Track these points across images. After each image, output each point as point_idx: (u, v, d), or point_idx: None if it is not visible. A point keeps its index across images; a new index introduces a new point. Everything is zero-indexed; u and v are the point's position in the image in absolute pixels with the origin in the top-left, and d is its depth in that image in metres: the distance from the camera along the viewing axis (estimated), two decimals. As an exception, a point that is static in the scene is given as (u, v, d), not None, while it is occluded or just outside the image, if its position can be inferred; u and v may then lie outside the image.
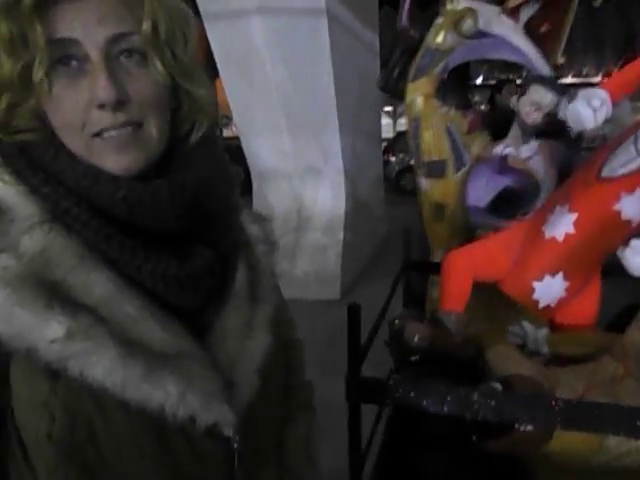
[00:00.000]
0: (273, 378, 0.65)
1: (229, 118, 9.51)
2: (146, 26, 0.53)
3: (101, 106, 0.51)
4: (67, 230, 0.52)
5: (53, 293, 0.49)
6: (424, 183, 2.58)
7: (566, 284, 1.48)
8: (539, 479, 1.21)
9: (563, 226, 1.44)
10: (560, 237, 1.44)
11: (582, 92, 1.47)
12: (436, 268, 1.69)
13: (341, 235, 4.60)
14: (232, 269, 0.62)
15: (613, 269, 1.59)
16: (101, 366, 0.49)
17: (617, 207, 1.38)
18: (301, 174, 4.54)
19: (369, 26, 5.03)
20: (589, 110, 1.42)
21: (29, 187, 0.53)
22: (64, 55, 0.51)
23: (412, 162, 2.64)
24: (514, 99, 1.90)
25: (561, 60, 2.53)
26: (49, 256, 0.50)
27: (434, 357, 1.41)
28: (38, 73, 0.50)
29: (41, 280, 0.50)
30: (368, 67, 4.99)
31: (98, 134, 0.52)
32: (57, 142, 0.54)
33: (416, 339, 1.38)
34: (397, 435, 1.25)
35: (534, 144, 2.24)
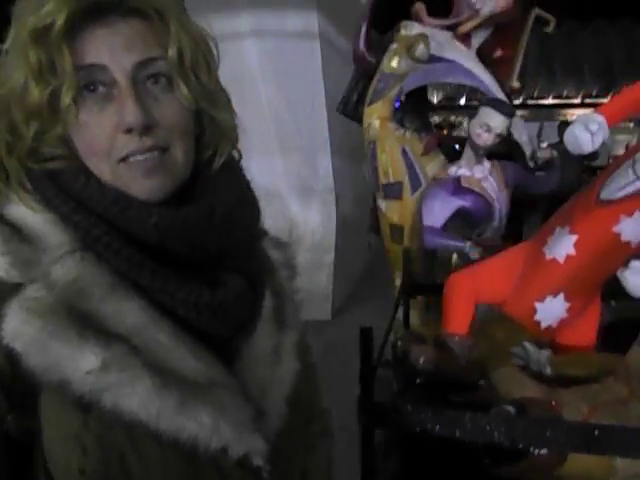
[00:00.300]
0: (299, 406, 0.64)
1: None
2: (172, 52, 0.53)
3: (128, 131, 0.51)
4: (98, 258, 0.52)
5: (86, 323, 0.49)
6: (382, 205, 2.62)
7: (567, 305, 1.49)
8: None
9: (564, 248, 1.46)
10: (561, 258, 1.46)
11: (580, 116, 1.50)
12: (437, 289, 1.69)
13: (332, 255, 4.61)
14: (259, 296, 0.62)
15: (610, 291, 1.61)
16: (136, 397, 0.48)
17: (617, 229, 1.40)
18: (293, 194, 4.55)
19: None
20: (587, 134, 1.45)
21: (59, 215, 0.53)
22: (91, 81, 0.51)
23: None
24: (466, 122, 1.97)
25: (516, 84, 2.60)
26: (81, 285, 0.50)
27: (438, 380, 1.40)
28: (66, 99, 0.50)
29: (73, 310, 0.49)
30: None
31: (124, 159, 0.53)
32: (85, 169, 0.54)
33: (421, 361, 1.37)
34: (408, 461, 1.24)
35: (487, 165, 2.29)
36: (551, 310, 1.50)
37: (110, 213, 0.52)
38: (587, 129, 1.45)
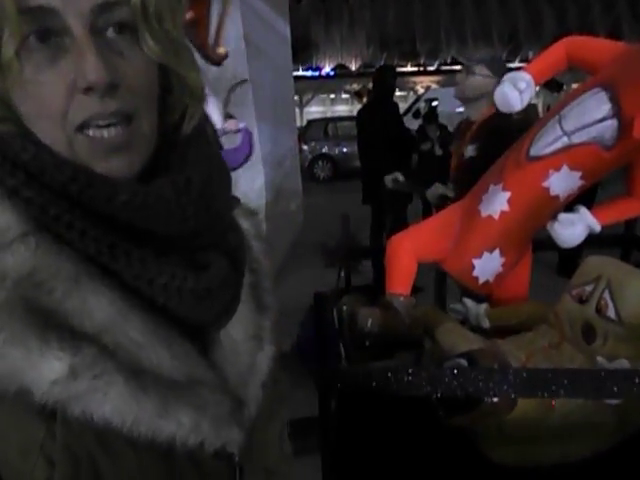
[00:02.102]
0: (270, 387, 0.60)
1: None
2: None
3: (88, 90, 0.43)
4: (57, 243, 0.44)
5: (47, 323, 0.41)
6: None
7: (503, 260, 1.56)
8: (490, 451, 1.27)
9: (498, 204, 1.51)
10: (496, 215, 1.51)
11: (508, 76, 1.54)
12: (376, 253, 1.71)
13: (263, 226, 4.55)
14: (241, 275, 0.56)
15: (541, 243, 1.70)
16: (109, 404, 0.43)
17: (546, 184, 1.46)
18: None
19: (280, 15, 5.00)
20: (515, 92, 1.49)
21: (4, 190, 0.44)
22: (40, 28, 0.42)
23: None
24: None
25: (222, 50, 2.62)
26: (39, 279, 0.42)
27: (386, 340, 1.43)
28: (7, 51, 0.41)
29: (31, 308, 0.41)
30: (281, 56, 4.96)
31: (83, 127, 0.44)
32: (33, 137, 0.45)
33: (369, 324, 1.39)
34: (364, 421, 1.26)
35: None
36: (488, 265, 1.55)
37: (68, 190, 0.43)
38: (515, 87, 1.49)
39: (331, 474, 1.07)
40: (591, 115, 1.39)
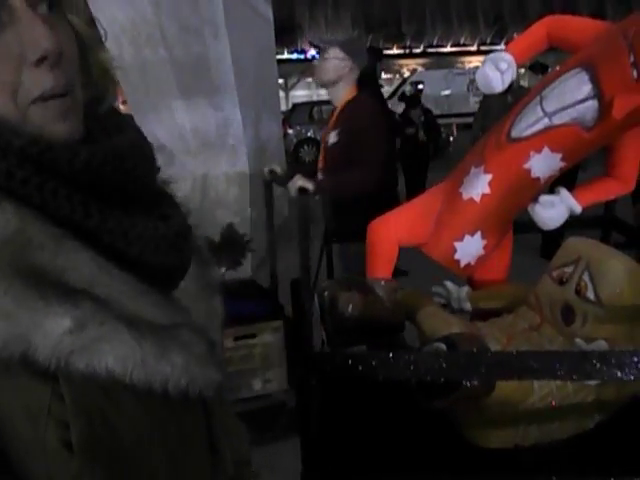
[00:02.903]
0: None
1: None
2: None
3: (41, 60, 0.42)
4: (29, 207, 0.44)
5: (43, 280, 0.41)
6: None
7: (484, 242, 1.55)
8: (471, 433, 1.27)
9: (479, 187, 1.50)
10: (477, 197, 1.50)
11: (489, 56, 1.52)
12: (357, 236, 1.70)
13: (248, 212, 4.53)
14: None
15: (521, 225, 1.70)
16: (113, 353, 0.43)
17: (527, 166, 1.46)
18: (202, 149, 4.38)
19: (263, -3, 4.92)
20: (497, 73, 1.48)
21: None
22: None
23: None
24: None
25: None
26: (29, 237, 0.42)
27: (367, 325, 1.42)
28: None
29: (25, 267, 0.41)
30: (264, 39, 4.89)
31: (37, 100, 0.44)
32: None
33: (350, 308, 1.38)
34: (343, 406, 1.25)
35: None
36: (469, 248, 1.55)
37: (30, 153, 0.43)
38: (497, 68, 1.47)
39: (311, 459, 1.06)
40: (572, 96, 1.38)
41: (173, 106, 4.19)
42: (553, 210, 1.48)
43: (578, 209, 1.51)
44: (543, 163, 1.44)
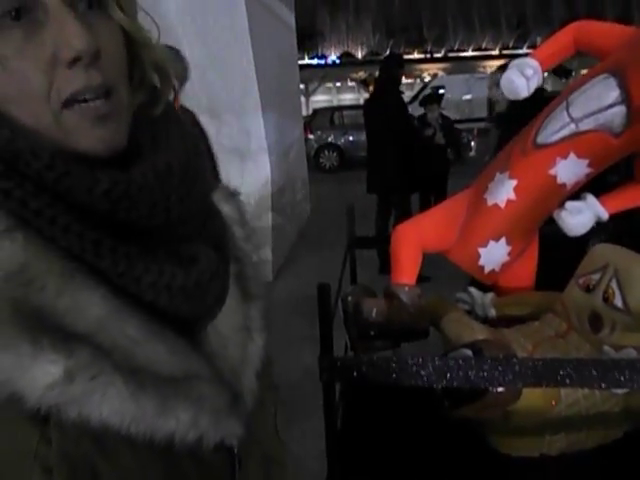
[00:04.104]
0: (265, 376, 0.58)
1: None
2: None
3: (73, 62, 0.40)
4: (42, 238, 0.41)
5: (39, 324, 0.39)
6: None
7: (509, 248, 1.54)
8: (496, 441, 1.27)
9: (504, 193, 1.49)
10: (502, 203, 1.50)
11: (514, 62, 1.52)
12: (381, 242, 1.70)
13: (269, 217, 4.56)
14: (227, 264, 0.53)
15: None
16: (107, 405, 0.41)
17: (553, 172, 1.44)
18: (224, 156, 4.43)
19: (285, 4, 4.96)
20: (522, 79, 1.47)
21: None
22: (12, 6, 0.40)
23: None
24: None
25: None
26: (30, 275, 0.40)
27: (391, 330, 1.42)
28: None
29: (22, 308, 0.39)
30: (286, 45, 4.93)
31: (70, 102, 0.42)
32: (6, 122, 0.42)
33: (374, 314, 1.38)
34: (369, 411, 1.26)
35: None
36: (494, 254, 1.54)
37: (47, 179, 0.41)
38: (522, 74, 1.47)
39: (336, 463, 1.07)
40: (599, 102, 1.37)
41: (197, 111, 4.24)
42: (579, 216, 1.47)
43: (605, 215, 1.49)
44: (569, 169, 1.43)
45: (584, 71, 2.13)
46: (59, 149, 0.42)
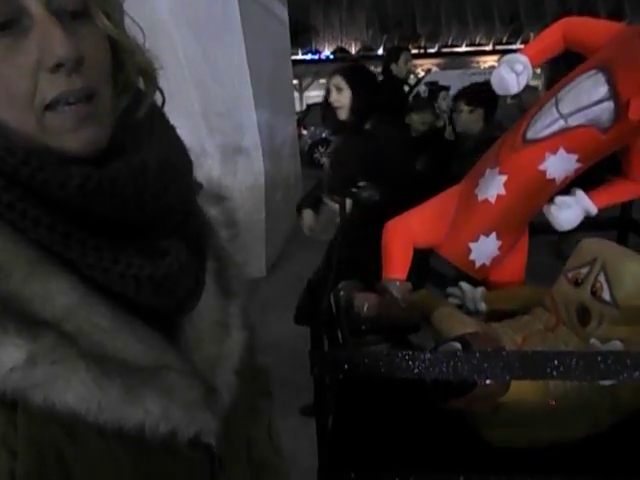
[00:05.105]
0: (246, 374, 0.59)
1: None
2: None
3: (56, 68, 0.43)
4: (13, 230, 0.43)
5: (5, 310, 0.41)
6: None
7: (499, 243, 1.56)
8: (486, 433, 1.28)
9: (494, 188, 1.50)
10: (492, 199, 1.51)
11: (505, 58, 1.53)
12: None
13: (263, 213, 4.56)
14: (202, 262, 0.55)
15: (538, 227, 1.70)
16: (72, 392, 0.42)
17: (542, 167, 1.46)
18: (218, 153, 4.42)
19: (278, -2, 4.95)
20: (512, 75, 1.48)
21: None
22: (2, 19, 0.42)
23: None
24: None
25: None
26: (0, 264, 0.42)
27: (383, 325, 1.43)
28: None
29: None
30: (279, 40, 4.92)
31: (52, 105, 0.44)
32: None
33: (365, 308, 1.39)
34: (359, 405, 1.27)
35: None
36: (484, 249, 1.56)
37: (21, 174, 0.43)
38: (512, 70, 1.48)
39: (327, 458, 1.08)
40: (588, 97, 1.38)
41: (189, 109, 4.23)
42: (568, 211, 1.49)
43: (594, 210, 1.50)
44: (558, 164, 1.44)
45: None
46: (37, 148, 0.44)
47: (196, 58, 4.03)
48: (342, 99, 2.25)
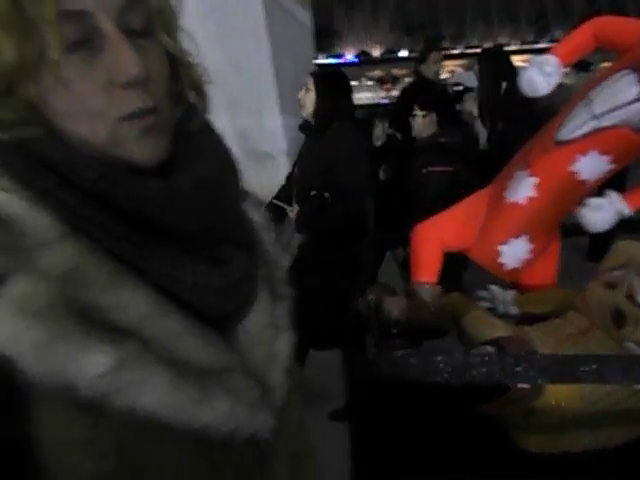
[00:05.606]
0: (294, 372, 0.61)
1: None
2: None
3: (127, 85, 0.45)
4: (90, 242, 0.45)
5: (89, 319, 0.43)
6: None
7: (530, 246, 1.54)
8: (518, 438, 1.27)
9: (524, 190, 1.49)
10: (522, 201, 1.49)
11: (534, 59, 1.52)
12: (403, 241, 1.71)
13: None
14: (256, 267, 0.57)
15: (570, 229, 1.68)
16: (152, 395, 0.44)
17: (573, 169, 1.44)
18: (243, 157, 4.45)
19: (302, 3, 4.98)
20: (541, 77, 1.47)
21: (38, 193, 0.45)
22: (77, 32, 0.44)
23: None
24: None
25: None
26: (81, 275, 0.44)
27: (413, 328, 1.43)
28: (52, 54, 0.42)
29: (74, 304, 0.43)
30: (303, 46, 4.95)
31: (124, 118, 0.46)
32: (63, 138, 0.46)
33: (395, 312, 1.40)
34: (392, 409, 1.27)
35: None
36: (515, 252, 1.54)
37: (98, 188, 0.45)
38: (542, 71, 1.46)
39: (360, 460, 1.08)
40: (620, 97, 1.36)
41: (215, 114, 4.28)
42: (601, 213, 1.46)
43: (627, 211, 1.48)
44: (590, 166, 1.42)
45: (606, 64, 2.10)
46: (109, 161, 0.47)
47: (222, 66, 4.08)
48: (307, 100, 2.29)
